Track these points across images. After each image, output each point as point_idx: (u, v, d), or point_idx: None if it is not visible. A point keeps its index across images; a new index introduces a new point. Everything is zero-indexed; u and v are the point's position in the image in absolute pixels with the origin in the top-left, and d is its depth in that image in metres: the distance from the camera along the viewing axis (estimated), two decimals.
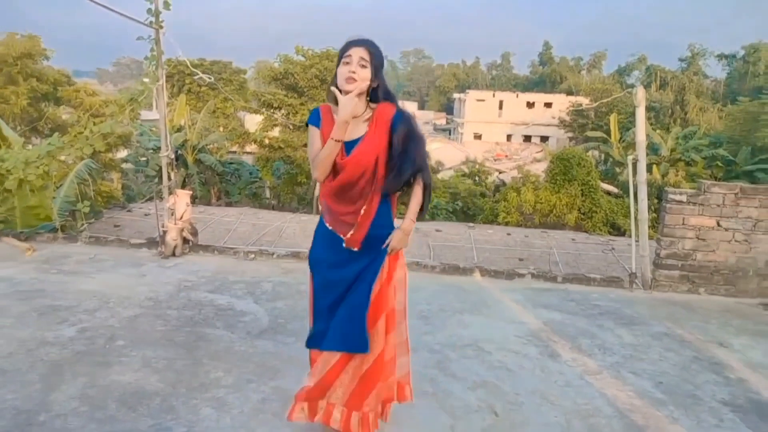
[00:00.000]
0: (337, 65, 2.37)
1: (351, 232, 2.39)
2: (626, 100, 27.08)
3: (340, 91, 2.31)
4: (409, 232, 2.44)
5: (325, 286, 2.47)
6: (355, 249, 2.41)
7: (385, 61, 2.44)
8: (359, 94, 2.32)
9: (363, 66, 2.31)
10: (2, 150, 6.54)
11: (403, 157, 2.35)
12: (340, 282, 2.42)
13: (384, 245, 2.41)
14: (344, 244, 2.41)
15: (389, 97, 2.42)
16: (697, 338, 4.17)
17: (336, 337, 2.37)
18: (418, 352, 3.63)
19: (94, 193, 8.47)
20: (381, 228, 2.42)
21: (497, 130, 46.57)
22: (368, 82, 2.34)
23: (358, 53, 2.32)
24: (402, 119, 2.37)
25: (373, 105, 2.41)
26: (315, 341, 2.46)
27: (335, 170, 2.36)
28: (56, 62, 26.37)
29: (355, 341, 2.36)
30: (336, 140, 2.30)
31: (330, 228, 2.45)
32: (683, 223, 5.28)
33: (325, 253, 2.48)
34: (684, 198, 5.27)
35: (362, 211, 2.37)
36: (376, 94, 2.40)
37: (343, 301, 2.41)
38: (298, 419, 2.45)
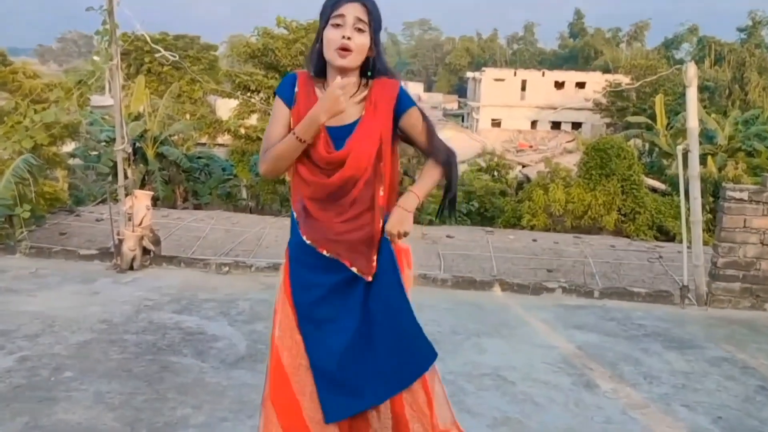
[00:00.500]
0: (322, 27, 2.09)
1: (363, 260, 2.13)
2: (675, 78, 27.10)
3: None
4: (411, 210, 2.13)
5: (310, 314, 2.20)
6: (369, 279, 2.15)
7: (385, 35, 2.39)
8: (351, 68, 2.07)
9: (359, 30, 2.04)
10: None
11: (437, 156, 2.16)
12: (345, 305, 2.16)
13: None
14: (360, 274, 2.14)
15: (387, 72, 2.16)
16: (763, 363, 4.17)
17: (386, 382, 2.14)
18: None
19: (35, 195, 8.48)
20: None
21: (520, 116, 46.65)
22: (362, 57, 2.08)
23: (353, 12, 2.03)
24: (409, 98, 2.15)
25: (367, 81, 2.15)
26: (341, 408, 2.14)
27: (320, 167, 2.10)
28: None
29: (421, 358, 2.20)
30: (299, 138, 2.05)
31: (309, 243, 2.15)
32: (745, 226, 5.29)
33: (310, 276, 2.19)
34: (745, 195, 5.27)
35: (367, 227, 2.13)
36: (370, 65, 2.12)
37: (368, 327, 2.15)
38: None
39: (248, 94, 20.66)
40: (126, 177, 6.01)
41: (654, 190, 19.99)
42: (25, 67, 26.41)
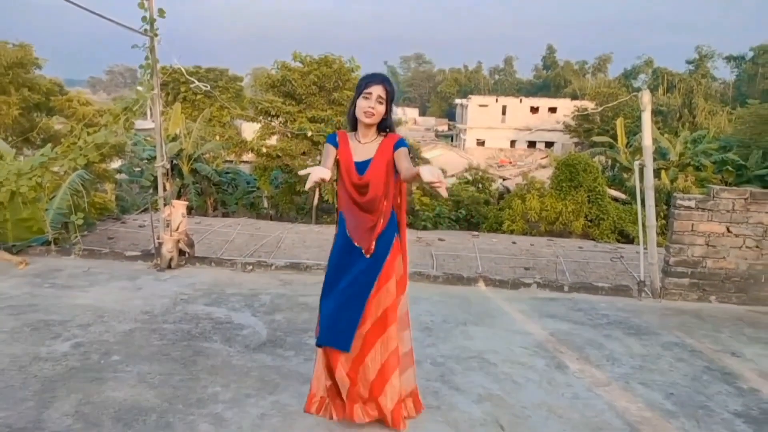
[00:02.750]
0: (356, 96, 2.77)
1: (366, 240, 2.76)
2: (633, 104, 27.13)
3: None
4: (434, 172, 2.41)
5: (337, 267, 2.83)
6: (368, 256, 2.75)
7: (385, 68, 2.62)
8: (373, 125, 2.78)
9: (380, 102, 2.73)
10: None
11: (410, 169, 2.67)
12: (349, 267, 2.77)
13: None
14: (364, 253, 2.76)
15: (391, 126, 2.83)
16: (709, 348, 4.17)
17: (326, 334, 2.74)
18: (422, 364, 3.64)
19: (87, 205, 8.49)
20: (387, 230, 2.80)
21: (501, 136, 46.67)
22: (379, 119, 2.76)
23: (377, 91, 2.71)
24: (404, 143, 2.77)
25: (382, 134, 2.83)
26: (322, 339, 2.76)
27: (354, 188, 2.77)
28: (48, 71, 26.65)
29: (340, 339, 2.69)
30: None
31: (349, 235, 2.82)
32: (692, 230, 5.29)
33: (340, 251, 2.84)
34: (693, 204, 5.28)
35: (379, 222, 2.77)
36: (384, 123, 2.80)
37: (346, 291, 2.73)
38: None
39: (269, 118, 20.68)
40: (165, 189, 6.02)
41: (616, 199, 19.97)
42: (79, 96, 26.41)
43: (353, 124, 2.86)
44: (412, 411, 2.89)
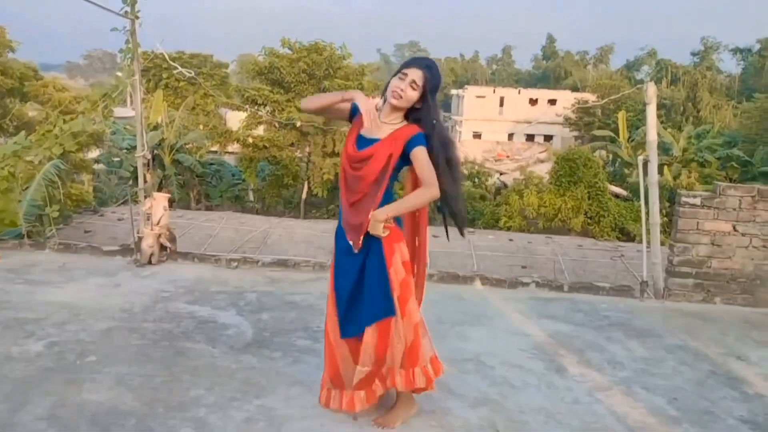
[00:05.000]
0: (395, 74, 2.69)
1: (354, 236, 2.75)
2: (635, 96, 27.26)
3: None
4: (379, 219, 2.65)
5: (340, 268, 2.86)
6: (356, 251, 2.75)
7: (379, 56, 2.59)
8: (399, 108, 2.69)
9: (413, 88, 2.63)
10: None
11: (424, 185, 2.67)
12: (352, 266, 2.78)
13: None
14: (353, 249, 2.77)
15: (426, 121, 2.69)
16: (714, 351, 4.18)
17: (365, 316, 2.75)
18: None
19: (63, 197, 8.42)
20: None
21: (498, 129, 46.74)
22: (408, 105, 2.68)
23: (413, 75, 2.63)
24: (420, 141, 2.63)
25: (404, 122, 2.73)
26: (347, 329, 2.83)
27: (348, 160, 2.72)
28: (22, 54, 26.30)
29: (381, 307, 2.72)
30: (345, 98, 2.75)
31: (344, 228, 2.83)
32: (697, 228, 5.31)
33: (340, 243, 2.87)
34: (698, 201, 5.29)
35: (362, 216, 2.71)
36: (417, 113, 2.71)
37: (361, 284, 2.77)
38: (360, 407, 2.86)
39: (255, 107, 20.61)
40: (145, 181, 5.97)
41: (617, 195, 20.09)
42: (55, 81, 26.25)
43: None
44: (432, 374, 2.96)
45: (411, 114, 2.73)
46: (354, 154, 2.71)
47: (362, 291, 2.77)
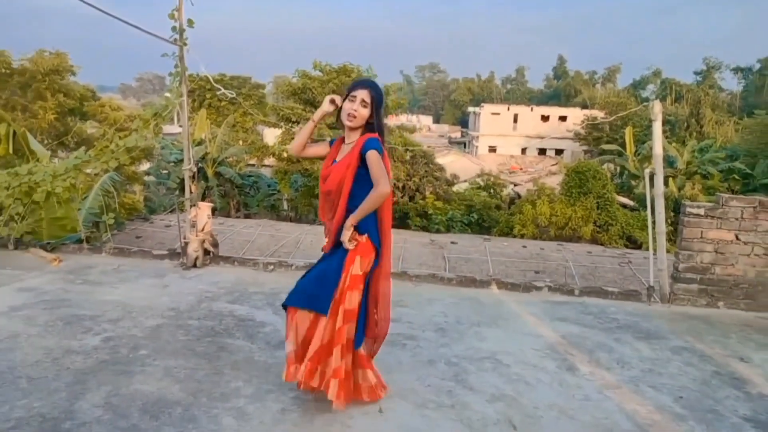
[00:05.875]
0: (344, 98, 2.80)
1: (329, 235, 2.87)
2: (641, 113, 26.85)
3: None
4: (348, 226, 2.72)
5: (313, 265, 2.98)
6: (325, 252, 2.88)
7: (401, 77, 2.64)
8: (355, 128, 2.83)
9: (364, 106, 2.77)
10: (31, 163, 6.67)
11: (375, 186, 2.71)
12: (320, 262, 2.92)
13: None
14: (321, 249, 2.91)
15: (379, 130, 2.83)
16: (717, 353, 4.09)
17: (303, 296, 2.80)
18: (436, 364, 3.62)
19: (117, 205, 8.58)
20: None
21: (512, 144, 46.40)
22: (362, 122, 2.81)
23: (361, 95, 2.75)
24: (372, 145, 2.71)
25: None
26: (288, 299, 2.88)
27: (321, 179, 2.87)
28: (82, 78, 26.94)
29: (320, 302, 2.73)
30: (314, 119, 2.90)
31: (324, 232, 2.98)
32: (701, 237, 5.20)
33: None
34: (702, 211, 5.19)
35: (333, 221, 2.81)
36: (371, 127, 2.82)
37: (320, 273, 2.83)
38: (293, 379, 2.83)
39: (290, 124, 20.79)
40: (191, 191, 6.06)
41: (624, 206, 19.75)
42: (110, 102, 26.83)
43: (343, 128, 2.89)
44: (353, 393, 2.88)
45: (366, 129, 2.85)
46: (323, 172, 2.88)
47: (316, 278, 2.82)
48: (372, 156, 2.69)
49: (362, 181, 2.73)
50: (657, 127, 5.54)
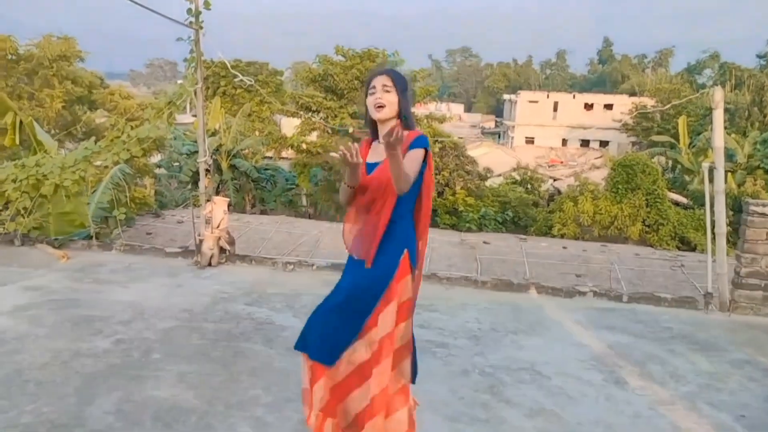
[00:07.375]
0: (364, 98, 2.66)
1: (364, 248, 2.57)
2: (697, 101, 26.28)
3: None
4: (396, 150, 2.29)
5: (337, 287, 2.69)
6: (368, 266, 2.55)
7: (430, 62, 2.50)
8: (388, 119, 2.57)
9: (387, 91, 2.57)
10: (39, 155, 6.83)
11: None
12: (345, 288, 2.63)
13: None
14: (356, 259, 2.62)
15: (408, 117, 2.62)
16: None
17: (315, 346, 2.59)
18: (469, 374, 3.60)
19: (128, 200, 8.75)
20: (393, 243, 2.53)
21: (551, 134, 45.86)
22: (394, 110, 2.57)
23: (380, 81, 2.59)
24: (421, 144, 2.53)
25: (405, 131, 2.47)
26: (300, 344, 2.68)
27: (360, 189, 2.58)
28: (89, 64, 27.44)
29: (324, 353, 2.54)
30: (348, 185, 2.56)
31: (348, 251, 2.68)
32: (767, 238, 5.07)
33: (348, 266, 2.72)
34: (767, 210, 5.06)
35: (378, 227, 2.54)
36: (407, 123, 2.59)
37: (340, 311, 2.56)
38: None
39: (309, 113, 20.89)
40: (205, 185, 6.14)
41: (676, 203, 19.35)
42: (120, 90, 27.29)
43: (373, 129, 2.69)
44: None
45: (402, 123, 2.59)
46: (362, 182, 2.56)
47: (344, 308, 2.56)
48: (415, 153, 2.50)
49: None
50: (718, 116, 5.42)
